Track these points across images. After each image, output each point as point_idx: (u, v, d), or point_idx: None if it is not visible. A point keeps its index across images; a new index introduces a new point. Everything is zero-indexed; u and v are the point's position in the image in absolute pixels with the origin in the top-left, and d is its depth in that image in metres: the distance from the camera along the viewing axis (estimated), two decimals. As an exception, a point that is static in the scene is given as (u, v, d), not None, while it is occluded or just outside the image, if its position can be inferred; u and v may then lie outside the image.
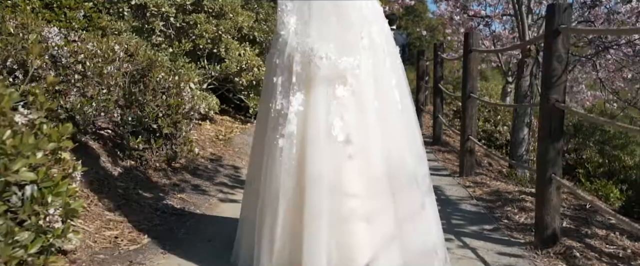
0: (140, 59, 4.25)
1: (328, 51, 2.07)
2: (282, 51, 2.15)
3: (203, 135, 5.30)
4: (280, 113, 2.10)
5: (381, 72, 2.16)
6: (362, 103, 2.09)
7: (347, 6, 2.12)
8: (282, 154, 2.05)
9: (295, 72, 2.09)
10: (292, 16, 2.15)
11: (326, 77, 2.06)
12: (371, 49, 2.14)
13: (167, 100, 3.88)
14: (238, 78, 5.71)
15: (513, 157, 5.59)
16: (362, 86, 2.09)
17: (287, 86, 2.11)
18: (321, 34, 2.10)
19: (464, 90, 4.18)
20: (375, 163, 2.08)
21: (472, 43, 4.14)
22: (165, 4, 5.25)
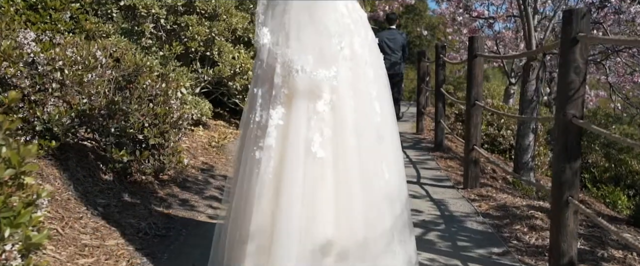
0: (126, 65, 4.03)
1: (305, 63, 2.01)
2: (263, 61, 2.11)
3: (195, 141, 5.08)
4: (260, 125, 2.06)
5: (362, 83, 2.10)
6: (342, 119, 2.05)
7: (326, 17, 2.07)
8: (259, 166, 2.01)
9: (275, 84, 2.05)
10: (271, 27, 2.10)
11: (305, 90, 2.02)
12: (352, 59, 2.09)
13: (154, 108, 3.66)
14: (232, 82, 5.48)
15: (518, 163, 5.37)
16: (342, 99, 2.05)
17: (268, 98, 2.07)
18: (300, 45, 2.04)
19: (468, 97, 3.95)
20: (354, 186, 2.03)
21: (477, 47, 3.91)
22: (155, 5, 5.02)
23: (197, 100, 5.25)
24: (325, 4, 2.08)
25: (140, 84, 3.76)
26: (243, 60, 5.39)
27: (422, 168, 4.95)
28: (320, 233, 1.98)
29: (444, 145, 5.89)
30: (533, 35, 5.21)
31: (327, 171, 2.01)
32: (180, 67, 5.19)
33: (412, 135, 7.37)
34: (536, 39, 5.28)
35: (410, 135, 7.38)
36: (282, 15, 2.08)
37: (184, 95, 5.07)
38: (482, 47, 3.98)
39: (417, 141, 6.80)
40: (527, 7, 5.15)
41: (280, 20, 2.08)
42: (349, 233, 2.02)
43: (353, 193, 2.03)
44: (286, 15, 2.07)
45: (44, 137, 3.06)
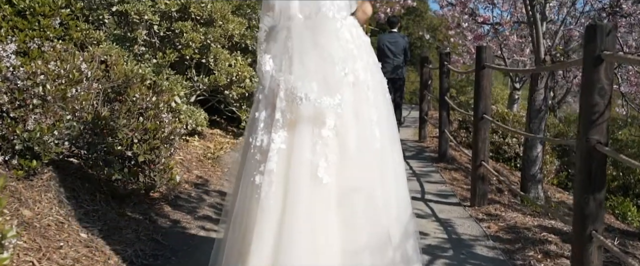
0: (115, 76, 3.82)
1: (309, 91, 1.98)
2: (265, 87, 2.08)
3: (190, 153, 4.88)
4: (261, 149, 2.02)
5: (364, 108, 2.09)
6: (345, 145, 2.02)
7: (330, 43, 2.05)
8: (259, 191, 1.96)
9: (278, 109, 2.02)
10: (273, 53, 2.07)
11: (309, 116, 2.00)
12: (355, 85, 2.07)
13: (144, 123, 3.45)
14: (228, 91, 5.27)
15: (525, 175, 5.17)
16: (345, 126, 2.03)
17: (270, 122, 2.04)
18: (303, 71, 2.02)
19: (476, 110, 3.75)
20: (358, 214, 2.00)
21: (485, 58, 3.70)
22: (148, 11, 4.82)
23: (192, 109, 5.05)
24: (329, 31, 2.06)
25: (129, 97, 3.57)
26: (240, 68, 5.19)
27: (426, 181, 4.75)
28: (326, 264, 1.94)
29: (448, 155, 5.69)
30: (541, 42, 5.01)
31: (332, 198, 1.98)
32: (175, 75, 4.99)
33: (414, 143, 7.17)
34: (545, 46, 5.08)
35: (412, 143, 7.18)
36: (285, 41, 2.05)
37: (178, 104, 4.87)
38: (491, 58, 3.77)
39: (419, 150, 6.60)
40: (536, 13, 4.95)
41: (283, 46, 2.05)
42: (355, 262, 1.98)
43: (357, 222, 2.00)
44: (289, 41, 2.04)
45: (24, 156, 2.85)
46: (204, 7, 5.08)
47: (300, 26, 2.05)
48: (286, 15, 2.06)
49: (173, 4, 4.94)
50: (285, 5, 2.06)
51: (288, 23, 2.06)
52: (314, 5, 2.06)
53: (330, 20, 2.09)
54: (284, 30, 2.06)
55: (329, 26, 2.08)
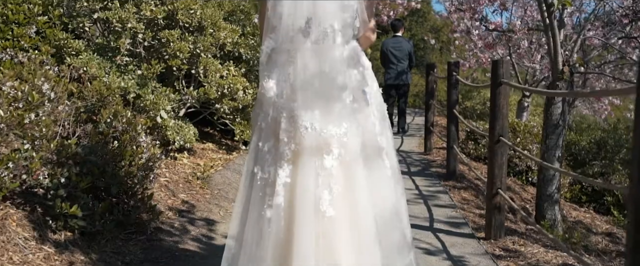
0: (89, 93, 3.44)
1: (313, 120, 1.96)
2: (267, 114, 2.03)
3: (177, 172, 4.49)
4: (268, 181, 2.00)
5: (370, 136, 2.06)
6: (351, 174, 1.98)
7: (335, 69, 1.99)
8: (270, 226, 1.95)
9: (281, 140, 1.99)
10: (276, 78, 2.03)
11: (312, 146, 1.95)
12: (361, 112, 2.05)
13: (121, 149, 3.07)
14: (219, 104, 4.88)
15: (541, 195, 4.77)
16: (351, 154, 1.98)
17: (274, 153, 2.01)
18: (306, 99, 1.97)
19: (491, 132, 3.35)
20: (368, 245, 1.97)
21: (502, 73, 3.31)
22: (131, 18, 4.43)
23: (180, 125, 4.66)
24: (334, 57, 2.00)
25: (103, 118, 3.18)
26: (232, 80, 4.79)
27: (434, 204, 4.35)
28: None
29: (457, 173, 5.28)
30: (559, 51, 4.61)
31: (340, 230, 1.94)
32: (162, 87, 4.60)
33: (419, 156, 6.76)
34: (563, 55, 4.67)
35: (417, 156, 6.77)
36: (287, 65, 2.00)
37: (164, 119, 4.49)
38: (508, 73, 3.37)
39: (425, 164, 6.19)
40: (553, 19, 4.54)
41: (284, 70, 2.00)
42: None
43: (369, 252, 1.97)
44: (292, 66, 1.99)
45: (-26, 192, 2.48)
46: (193, 13, 4.69)
47: (304, 51, 1.99)
48: (289, 39, 1.99)
49: (159, 10, 4.55)
50: (288, 28, 1.98)
51: (291, 46, 1.99)
52: (319, 30, 1.99)
53: (336, 46, 2.01)
54: (287, 54, 2.01)
55: (334, 52, 2.01)
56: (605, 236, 5.26)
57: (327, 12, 1.99)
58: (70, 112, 3.20)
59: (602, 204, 7.09)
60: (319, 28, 1.98)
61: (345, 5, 2.02)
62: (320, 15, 1.99)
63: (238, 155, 5.44)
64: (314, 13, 1.98)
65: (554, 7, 4.44)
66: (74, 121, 3.31)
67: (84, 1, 4.60)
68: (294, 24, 1.98)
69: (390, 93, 8.88)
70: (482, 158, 6.68)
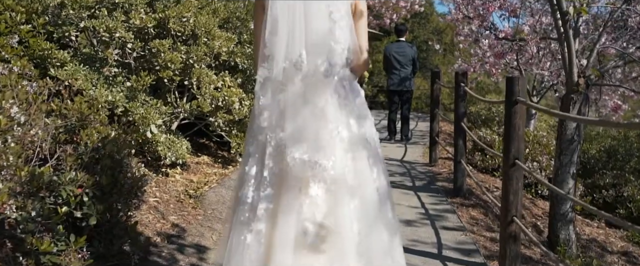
0: (70, 112, 3.17)
1: (300, 150, 1.97)
2: (255, 139, 2.07)
3: (168, 191, 4.23)
4: (251, 207, 2.01)
5: (361, 166, 2.06)
6: (337, 203, 1.99)
7: (324, 100, 2.01)
8: (249, 251, 1.96)
9: (267, 166, 2.01)
10: (268, 106, 2.05)
11: (298, 176, 1.97)
12: (349, 141, 2.04)
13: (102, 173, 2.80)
14: (213, 118, 4.62)
15: (555, 214, 4.51)
16: (337, 184, 1.99)
17: (259, 179, 2.02)
18: (295, 129, 2.00)
19: (506, 155, 3.07)
20: None
21: (517, 91, 3.03)
22: (120, 27, 4.16)
23: (172, 139, 4.40)
24: (324, 88, 2.01)
25: (83, 140, 2.92)
26: (227, 92, 4.53)
27: (441, 226, 4.08)
28: None
29: (464, 189, 5.00)
30: (574, 62, 4.34)
31: (321, 260, 1.97)
32: (153, 100, 4.33)
33: (424, 168, 6.48)
34: (578, 66, 4.40)
35: (421, 167, 6.49)
36: (278, 95, 2.03)
37: (154, 134, 4.22)
38: (524, 91, 3.10)
39: (430, 177, 5.92)
40: (568, 28, 4.27)
41: (275, 99, 2.03)
42: None
43: None
44: (282, 94, 2.02)
45: None
46: (185, 22, 4.43)
47: (295, 81, 2.00)
48: (280, 69, 2.00)
49: (149, 19, 4.28)
50: (280, 58, 2.00)
51: (284, 77, 2.00)
52: (310, 62, 2.00)
53: (326, 78, 2.02)
54: (278, 84, 2.02)
55: (324, 83, 2.02)
56: (621, 255, 4.99)
57: (318, 45, 2.01)
58: (47, 133, 2.94)
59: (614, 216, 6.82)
60: (311, 61, 1.99)
61: (336, 38, 2.03)
62: (312, 48, 2.00)
63: (234, 169, 5.17)
64: (306, 46, 1.99)
65: (569, 16, 4.17)
66: (53, 142, 3.05)
67: (70, 9, 4.33)
68: (287, 56, 2.00)
69: (393, 100, 8.62)
70: (489, 170, 6.41)
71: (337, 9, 2.03)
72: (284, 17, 1.99)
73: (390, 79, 8.55)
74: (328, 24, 2.02)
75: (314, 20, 2.00)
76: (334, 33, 2.03)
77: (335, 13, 2.02)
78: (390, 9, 11.03)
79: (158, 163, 4.47)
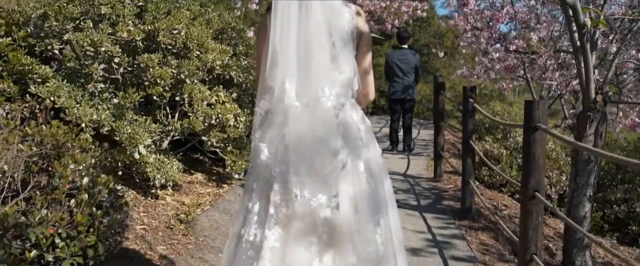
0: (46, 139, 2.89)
1: (304, 186, 1.90)
2: (259, 174, 2.00)
3: (157, 216, 3.95)
4: (253, 245, 1.94)
5: (365, 202, 1.99)
6: (343, 240, 1.92)
7: (328, 133, 1.95)
8: None
9: (273, 202, 1.94)
10: (270, 139, 1.99)
11: (304, 214, 1.91)
12: (353, 174, 1.99)
13: (78, 209, 2.52)
14: (206, 136, 4.34)
15: (570, 239, 4.24)
16: (342, 220, 1.92)
17: (263, 215, 1.96)
18: (299, 163, 1.93)
19: (525, 186, 2.79)
20: None
21: (537, 116, 2.75)
22: (105, 40, 3.88)
23: (161, 160, 4.12)
24: (328, 120, 1.95)
25: (57, 172, 2.64)
26: (221, 109, 4.25)
27: (451, 256, 3.80)
28: None
29: (473, 211, 4.72)
30: (592, 78, 4.06)
31: None
32: (142, 117, 4.05)
33: (428, 183, 6.19)
34: (595, 81, 4.13)
35: (425, 182, 6.21)
36: (281, 127, 1.97)
37: (143, 155, 3.94)
38: (545, 115, 2.82)
39: (436, 195, 5.63)
40: (585, 42, 3.99)
41: (279, 132, 1.97)
42: None
43: None
44: (286, 127, 1.96)
45: None
46: (176, 34, 4.15)
47: (298, 114, 1.94)
48: (283, 101, 1.95)
49: (137, 31, 4.01)
50: (282, 91, 1.94)
51: (285, 109, 1.95)
52: (313, 94, 1.94)
53: (329, 110, 1.95)
54: (281, 116, 1.97)
55: (328, 115, 1.95)
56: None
57: (321, 75, 1.94)
58: (20, 162, 2.66)
59: (626, 233, 6.55)
60: (313, 92, 1.93)
61: (340, 67, 1.97)
62: (315, 79, 1.93)
63: (230, 189, 4.89)
64: (309, 76, 1.92)
65: (586, 28, 3.89)
66: (26, 171, 2.77)
67: (53, 20, 4.06)
68: (289, 89, 1.93)
69: (395, 109, 8.35)
70: (497, 185, 6.13)
71: (339, 38, 1.96)
72: (284, 49, 1.91)
73: (392, 87, 8.29)
74: (331, 53, 1.94)
75: (316, 51, 1.92)
76: (338, 62, 1.96)
77: (338, 42, 1.95)
78: (392, 14, 10.75)
79: (147, 184, 4.19)
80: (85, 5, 4.11)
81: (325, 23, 1.93)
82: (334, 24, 1.95)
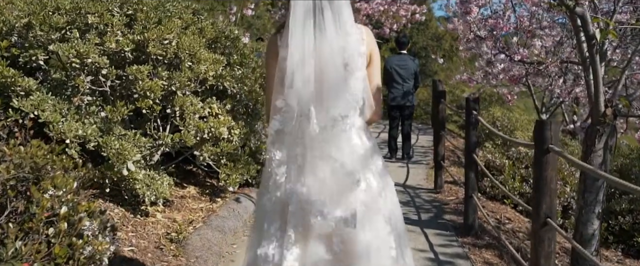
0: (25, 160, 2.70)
1: (322, 206, 1.94)
2: (273, 194, 2.03)
3: (146, 235, 3.77)
4: (273, 264, 1.98)
5: (376, 218, 2.03)
6: (360, 258, 1.97)
7: (343, 153, 1.97)
8: None
9: (289, 222, 1.97)
10: (283, 160, 2.01)
11: (322, 233, 1.96)
12: (367, 191, 2.01)
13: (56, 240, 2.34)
14: (199, 151, 4.16)
15: (578, 259, 4.06)
16: (359, 239, 1.97)
17: (281, 235, 1.99)
18: (315, 183, 1.96)
19: (536, 212, 2.62)
20: None
21: (549, 137, 2.58)
22: (92, 51, 3.70)
23: (151, 176, 3.94)
24: (342, 141, 1.99)
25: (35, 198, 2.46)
26: (214, 123, 4.06)
27: (454, 277, 3.63)
28: None
29: (476, 227, 4.54)
30: (601, 90, 3.90)
31: None
32: (131, 131, 3.87)
33: (428, 195, 6.01)
34: (605, 94, 3.97)
35: (426, 195, 6.03)
36: (293, 146, 2.00)
37: (131, 172, 3.76)
38: (557, 136, 2.64)
39: (437, 208, 5.45)
40: (594, 53, 3.83)
41: (293, 153, 2.00)
42: None
43: None
44: (299, 147, 2.00)
45: None
46: (167, 44, 3.96)
47: (312, 135, 1.97)
48: (297, 124, 1.98)
49: (126, 42, 3.82)
50: (295, 111, 1.96)
51: (299, 130, 1.98)
52: (327, 115, 1.97)
53: (343, 131, 1.99)
54: (294, 137, 1.99)
55: (342, 136, 1.99)
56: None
57: (334, 97, 1.96)
58: None
59: (631, 245, 6.38)
60: (328, 115, 1.96)
61: (351, 89, 1.99)
62: (328, 101, 1.96)
63: (223, 203, 4.71)
64: (324, 100, 1.95)
65: (595, 40, 3.73)
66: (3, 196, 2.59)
67: (38, 30, 3.87)
68: (303, 110, 1.95)
69: (394, 115, 8.19)
70: (499, 197, 5.96)
71: (353, 60, 1.99)
72: (299, 70, 1.94)
73: (391, 94, 8.12)
74: (344, 75, 1.98)
75: (331, 73, 1.96)
76: (349, 84, 1.99)
77: (351, 64, 1.99)
78: (390, 18, 10.58)
79: (136, 201, 4.01)
80: (72, 14, 3.93)
81: (339, 45, 1.96)
82: (347, 46, 1.98)
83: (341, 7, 1.96)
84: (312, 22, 1.94)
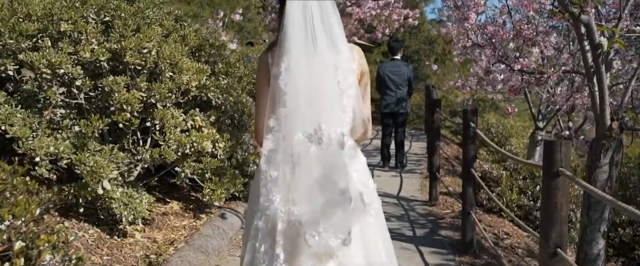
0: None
1: (314, 229, 1.91)
2: (264, 213, 1.99)
3: (123, 258, 3.52)
4: None
5: (369, 235, 2.06)
6: None
7: (336, 173, 1.94)
8: None
9: (279, 243, 1.95)
10: (276, 182, 1.96)
11: (312, 254, 1.93)
12: (360, 209, 2.02)
13: (12, 276, 2.09)
14: (180, 167, 3.91)
15: (582, 279, 3.84)
16: (351, 257, 1.98)
17: (271, 254, 1.97)
18: (309, 206, 1.93)
19: (544, 241, 2.38)
20: None
21: (559, 159, 2.36)
22: (65, 61, 3.44)
23: (129, 193, 3.68)
24: (335, 160, 1.95)
25: None
26: (196, 137, 3.81)
27: (453, 304, 3.39)
28: None
29: (474, 244, 4.31)
30: (606, 101, 3.68)
31: None
32: (108, 146, 3.61)
33: (423, 208, 5.78)
34: (611, 105, 3.75)
35: (421, 207, 5.80)
36: (286, 165, 1.95)
37: (107, 190, 3.51)
38: (568, 158, 2.41)
39: (432, 222, 5.22)
40: (600, 64, 3.62)
41: (284, 171, 1.96)
42: None
43: None
44: (290, 166, 1.95)
45: None
46: (146, 53, 3.71)
47: (305, 154, 1.94)
48: (290, 141, 1.95)
49: (101, 51, 3.57)
50: (289, 131, 1.95)
51: (293, 150, 1.95)
52: (320, 134, 1.94)
53: (336, 149, 1.97)
54: (287, 156, 1.96)
55: (335, 154, 1.96)
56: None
57: (328, 115, 1.96)
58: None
59: (632, 258, 6.19)
60: (321, 133, 1.94)
61: (344, 107, 2.00)
62: (322, 120, 1.94)
63: (208, 220, 4.46)
64: (317, 116, 1.94)
65: (601, 49, 3.52)
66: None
67: (7, 38, 3.61)
68: (297, 128, 1.94)
69: (388, 123, 7.96)
70: (496, 210, 5.75)
71: (344, 78, 1.99)
72: (293, 90, 1.93)
73: (384, 101, 7.89)
74: (337, 92, 1.99)
75: (324, 92, 1.96)
76: (342, 102, 2.00)
77: (343, 82, 1.99)
78: (382, 22, 10.37)
79: (113, 220, 3.75)
80: (44, 21, 3.67)
81: (332, 63, 1.96)
82: (339, 64, 1.97)
83: (332, 26, 1.97)
84: (305, 40, 1.93)
